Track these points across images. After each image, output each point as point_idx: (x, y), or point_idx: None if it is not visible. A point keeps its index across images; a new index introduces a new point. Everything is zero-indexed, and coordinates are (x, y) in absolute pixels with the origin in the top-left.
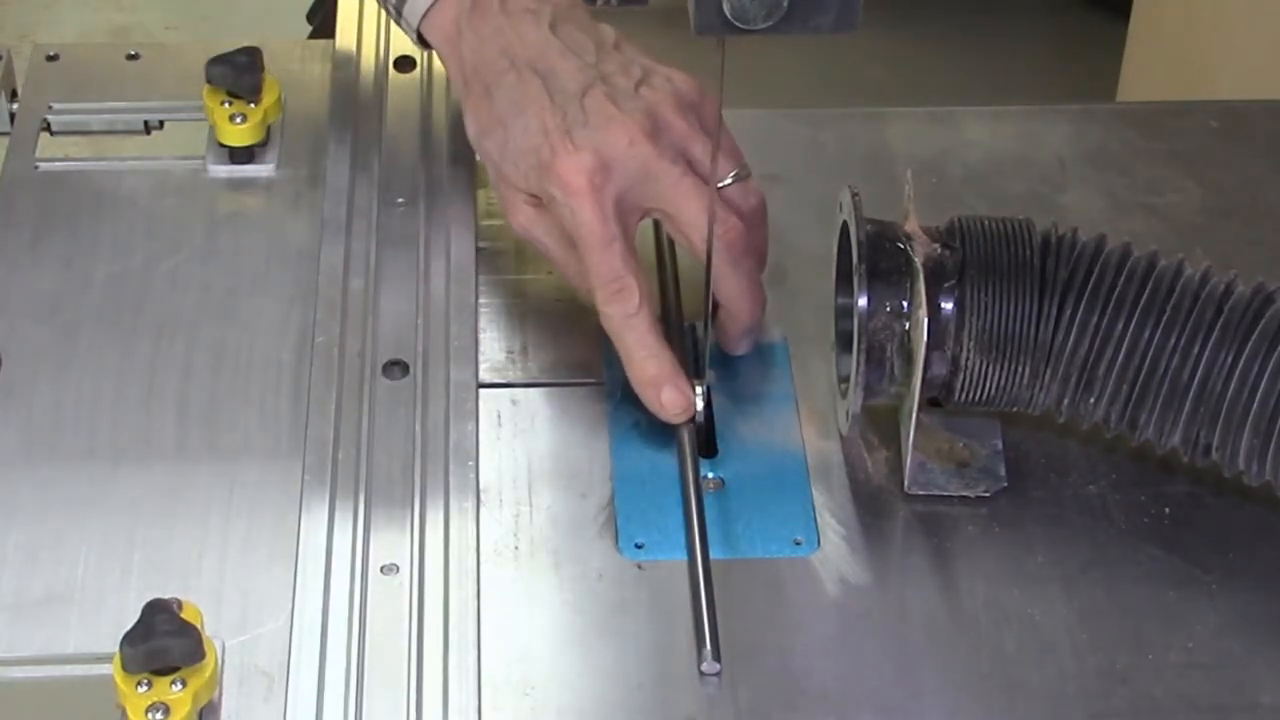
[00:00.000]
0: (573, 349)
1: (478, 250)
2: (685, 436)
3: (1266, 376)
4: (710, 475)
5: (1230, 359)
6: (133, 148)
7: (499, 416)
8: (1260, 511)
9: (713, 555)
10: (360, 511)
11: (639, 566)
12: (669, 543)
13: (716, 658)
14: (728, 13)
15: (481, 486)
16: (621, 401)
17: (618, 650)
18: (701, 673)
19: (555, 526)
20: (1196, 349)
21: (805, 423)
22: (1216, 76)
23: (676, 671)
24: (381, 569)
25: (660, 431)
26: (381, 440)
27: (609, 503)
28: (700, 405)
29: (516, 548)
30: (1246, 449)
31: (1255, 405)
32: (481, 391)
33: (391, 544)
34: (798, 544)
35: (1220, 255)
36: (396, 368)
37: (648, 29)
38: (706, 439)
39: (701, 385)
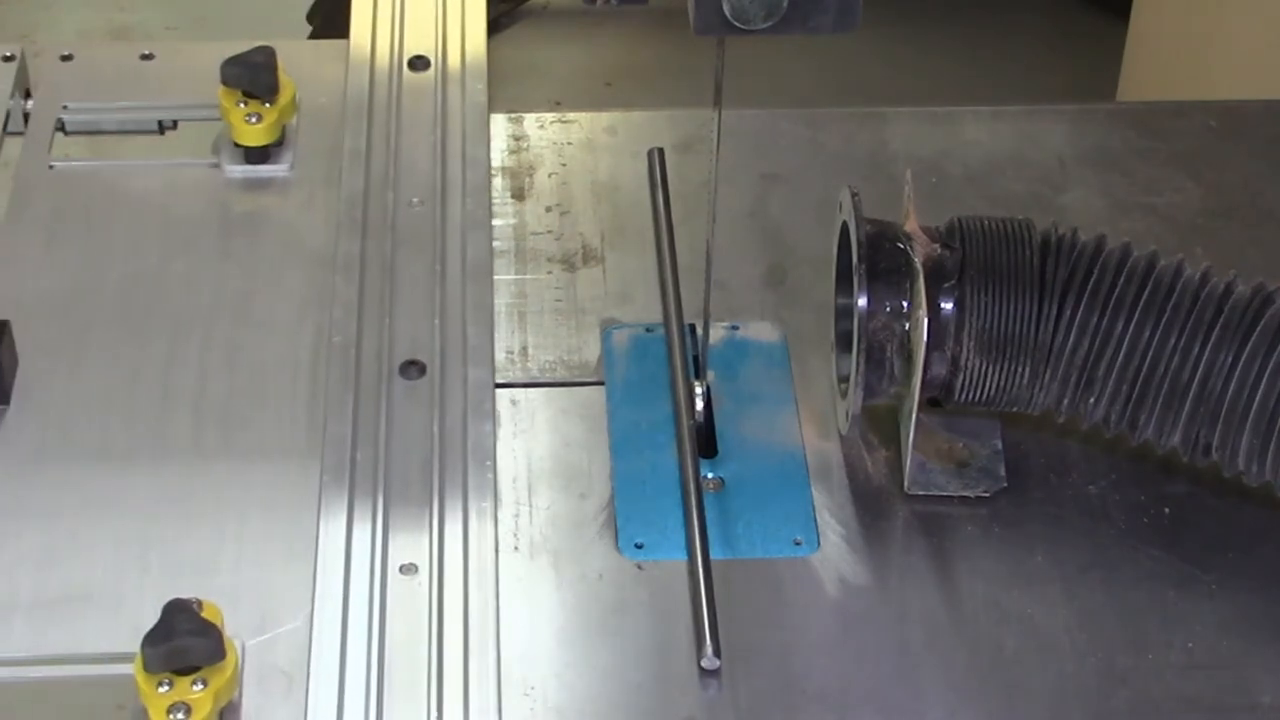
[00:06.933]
0: (573, 349)
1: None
2: (685, 436)
3: (1266, 376)
4: (710, 475)
5: (1230, 359)
6: (144, 148)
7: (499, 417)
8: (1260, 511)
9: (713, 555)
10: (379, 511)
11: (639, 566)
12: (669, 543)
13: (717, 653)
14: (728, 13)
15: None
16: (621, 401)
17: (618, 650)
18: (702, 668)
19: (555, 526)
20: (1196, 349)
21: (805, 423)
22: (1216, 76)
23: (676, 671)
24: (400, 569)
25: (660, 431)
26: (399, 440)
27: (609, 503)
28: (700, 405)
29: (516, 548)
30: (1246, 449)
31: (1255, 405)
32: None
33: (410, 544)
34: (798, 544)
35: (1220, 255)
36: (413, 368)
37: (647, 29)
38: (706, 439)
39: (701, 385)
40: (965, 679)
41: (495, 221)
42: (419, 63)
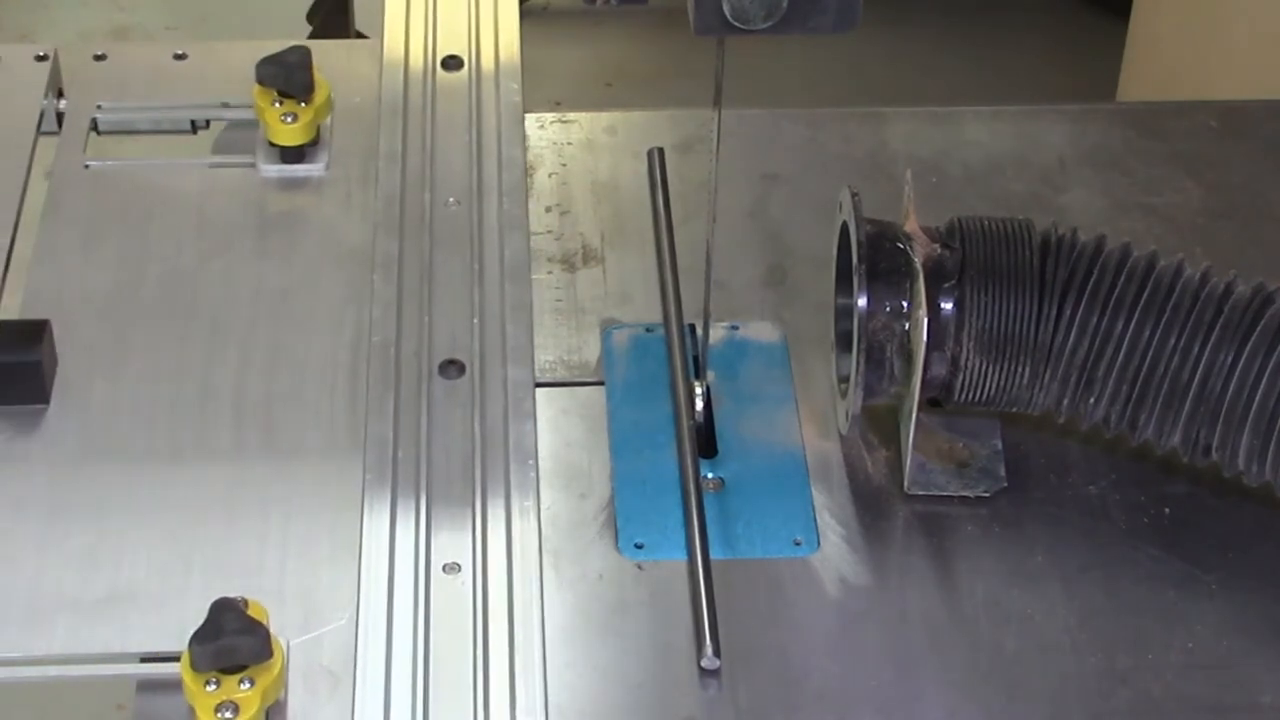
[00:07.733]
0: (573, 349)
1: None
2: (685, 436)
3: (1266, 376)
4: (710, 475)
5: (1230, 359)
6: (178, 147)
7: None
8: (1260, 511)
9: (713, 555)
10: (421, 510)
11: (639, 566)
12: (669, 543)
13: (717, 653)
14: (728, 13)
15: None
16: (621, 401)
17: (618, 650)
18: (702, 669)
19: (555, 526)
20: (1196, 349)
21: (805, 423)
22: (1217, 76)
23: (676, 671)
24: (444, 568)
25: (660, 431)
26: (440, 440)
27: (609, 503)
28: (700, 405)
29: None
30: (1246, 449)
31: (1255, 405)
32: None
33: (453, 543)
34: (798, 544)
35: (1220, 255)
36: (453, 367)
37: (648, 29)
38: (706, 439)
39: (701, 385)
40: (965, 679)
41: None
42: (452, 62)
